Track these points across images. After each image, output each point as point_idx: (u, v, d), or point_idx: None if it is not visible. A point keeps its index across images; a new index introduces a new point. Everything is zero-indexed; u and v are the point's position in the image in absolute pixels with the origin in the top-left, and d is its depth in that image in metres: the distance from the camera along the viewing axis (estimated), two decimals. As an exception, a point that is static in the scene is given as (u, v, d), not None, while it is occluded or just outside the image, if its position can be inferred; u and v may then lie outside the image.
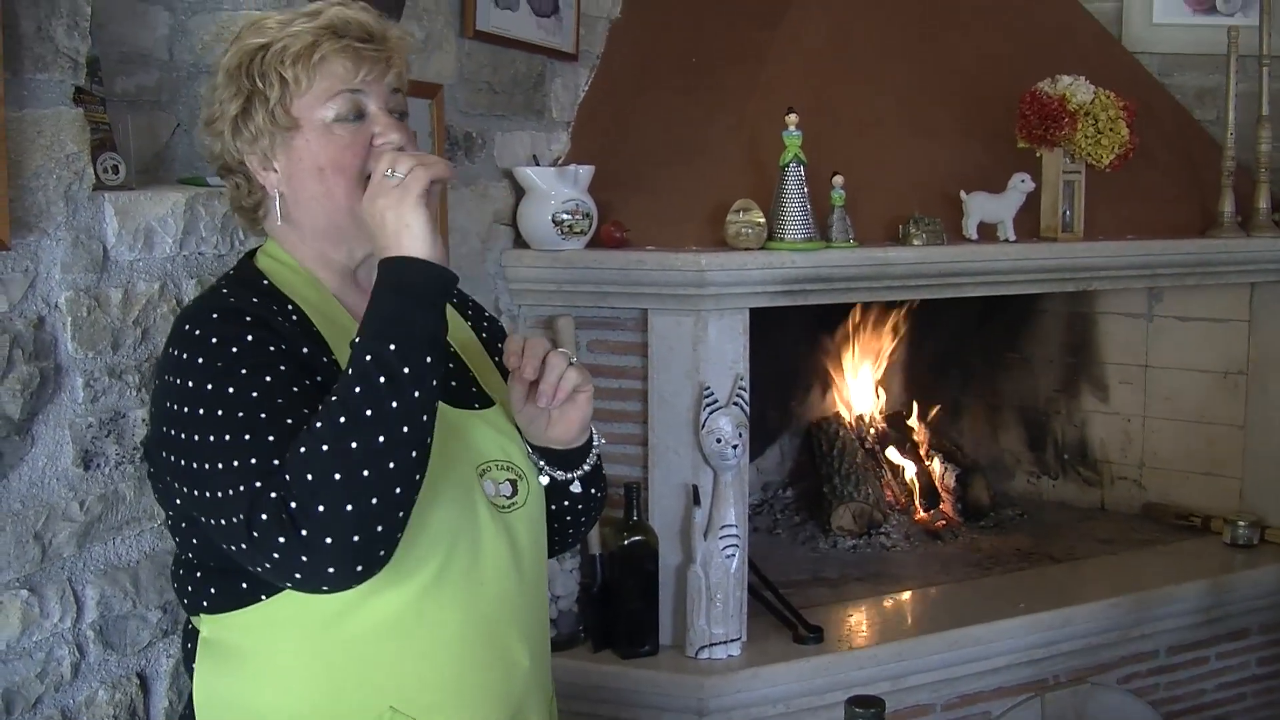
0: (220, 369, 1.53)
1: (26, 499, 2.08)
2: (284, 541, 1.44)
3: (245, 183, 1.73)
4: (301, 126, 1.65)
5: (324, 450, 1.44)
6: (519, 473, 1.76)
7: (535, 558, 1.78)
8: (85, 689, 2.21)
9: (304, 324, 1.64)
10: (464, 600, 1.65)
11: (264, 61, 1.65)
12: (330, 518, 1.43)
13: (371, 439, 1.44)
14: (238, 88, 1.67)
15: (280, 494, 1.45)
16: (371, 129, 1.67)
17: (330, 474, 1.43)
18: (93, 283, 2.19)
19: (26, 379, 2.04)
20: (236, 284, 1.69)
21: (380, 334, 1.48)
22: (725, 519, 3.38)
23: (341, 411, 1.45)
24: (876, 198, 3.67)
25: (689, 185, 3.63)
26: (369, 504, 1.44)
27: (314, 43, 1.64)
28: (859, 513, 4.34)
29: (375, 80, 1.68)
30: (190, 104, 2.65)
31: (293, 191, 1.69)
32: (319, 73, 1.64)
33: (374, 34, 1.68)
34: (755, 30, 3.94)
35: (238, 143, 1.69)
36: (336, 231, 1.69)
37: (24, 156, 2.04)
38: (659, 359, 3.43)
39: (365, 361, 1.47)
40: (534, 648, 1.77)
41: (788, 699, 3.40)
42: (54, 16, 2.09)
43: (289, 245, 1.73)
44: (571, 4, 3.81)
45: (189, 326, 1.59)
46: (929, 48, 4.13)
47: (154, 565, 2.35)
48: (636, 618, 3.43)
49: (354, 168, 1.65)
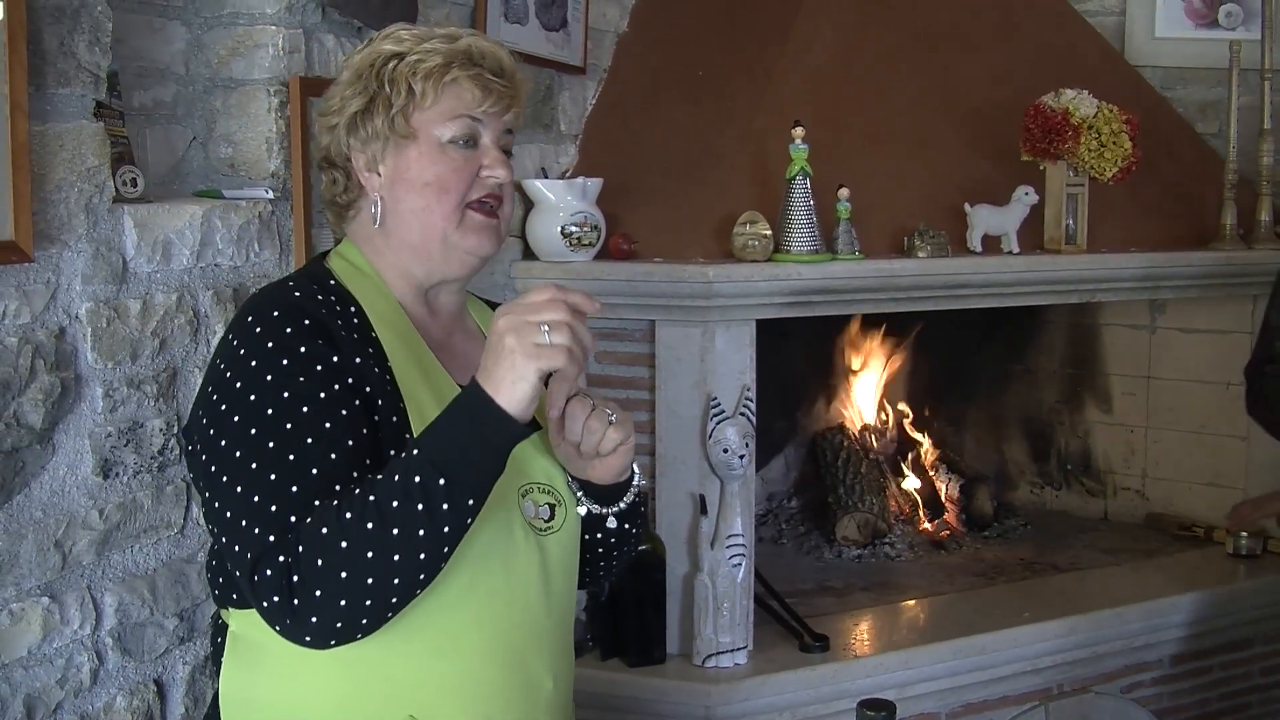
0: (267, 383, 1.55)
1: (48, 507, 2.11)
2: (277, 600, 1.49)
3: (344, 179, 1.76)
4: (417, 138, 1.69)
5: (341, 546, 1.47)
6: (559, 498, 1.77)
7: (565, 583, 1.79)
8: (104, 695, 2.24)
9: (363, 328, 1.66)
10: (490, 617, 1.66)
11: (395, 69, 1.68)
12: (324, 604, 1.48)
13: (388, 555, 1.47)
14: (364, 87, 1.70)
15: (288, 560, 1.48)
16: (481, 160, 1.71)
17: (339, 570, 1.47)
18: (112, 294, 2.21)
19: (48, 389, 2.07)
20: (304, 278, 1.71)
21: (437, 462, 1.48)
22: (732, 528, 3.40)
23: (374, 517, 1.47)
24: (882, 210, 3.70)
25: (696, 198, 3.65)
26: (363, 603, 1.49)
27: (448, 64, 1.67)
28: (864, 523, 4.36)
29: (496, 114, 1.72)
30: (206, 117, 2.68)
31: (393, 199, 1.71)
32: (447, 92, 1.68)
33: (505, 70, 1.72)
34: (762, 44, 3.97)
35: (351, 139, 1.72)
36: (425, 248, 1.72)
37: (46, 170, 2.07)
38: (666, 369, 3.46)
39: (414, 482, 1.47)
40: (557, 671, 1.78)
41: (794, 707, 3.42)
42: (76, 32, 2.12)
43: (369, 250, 1.76)
44: (580, 18, 3.84)
45: (251, 319, 1.61)
46: (934, 62, 4.16)
47: (171, 573, 2.38)
48: (644, 626, 3.45)
49: (458, 190, 1.69)
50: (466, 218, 1.71)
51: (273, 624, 1.52)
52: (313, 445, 1.54)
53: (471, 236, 1.72)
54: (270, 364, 1.56)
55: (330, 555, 1.47)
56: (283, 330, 1.58)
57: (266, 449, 1.53)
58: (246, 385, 1.56)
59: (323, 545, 1.48)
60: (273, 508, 1.51)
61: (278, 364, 1.56)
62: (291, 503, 1.52)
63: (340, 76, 1.76)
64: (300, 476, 1.53)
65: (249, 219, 2.53)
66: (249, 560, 1.51)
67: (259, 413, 1.54)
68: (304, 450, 1.54)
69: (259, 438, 1.54)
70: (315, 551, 1.48)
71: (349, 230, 1.79)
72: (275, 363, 1.56)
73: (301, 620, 1.49)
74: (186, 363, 2.38)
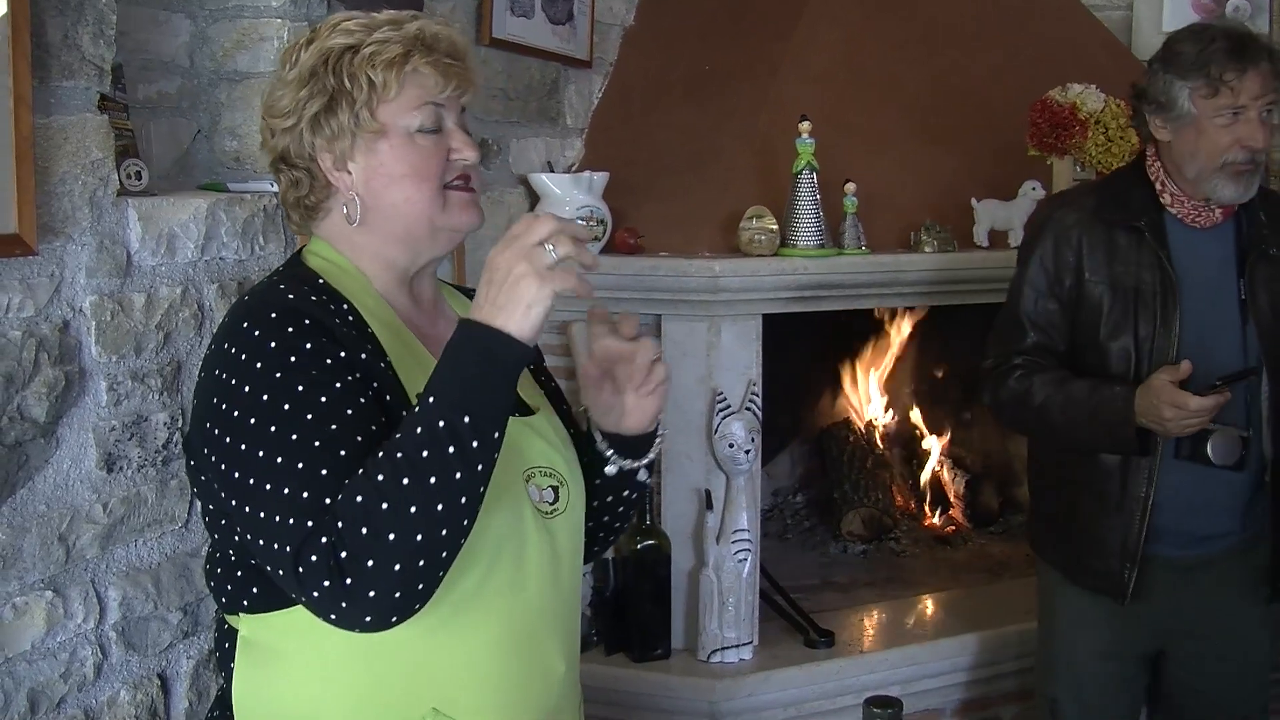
0: (277, 380, 1.53)
1: (51, 501, 2.10)
2: (328, 585, 1.45)
3: (307, 179, 1.72)
4: (386, 132, 1.67)
5: (384, 508, 1.44)
6: (561, 479, 1.76)
7: (573, 565, 1.79)
8: (108, 689, 2.23)
9: (359, 325, 1.64)
10: (506, 605, 1.66)
11: (352, 63, 1.66)
12: (378, 573, 1.44)
13: (432, 506, 1.45)
14: (321, 85, 1.67)
15: (331, 539, 1.45)
16: (449, 143, 1.70)
17: (386, 533, 1.44)
18: (116, 287, 2.21)
19: (52, 382, 2.07)
20: (293, 280, 1.68)
21: (458, 403, 1.47)
22: (737, 523, 3.40)
23: (408, 472, 1.45)
24: (888, 205, 3.70)
25: (702, 192, 3.65)
26: (416, 564, 1.46)
27: (407, 53, 1.65)
28: (869, 518, 4.35)
29: (455, 97, 1.70)
30: (211, 110, 2.68)
31: (371, 195, 1.69)
32: (409, 81, 1.66)
33: (460, 52, 1.71)
34: (768, 39, 3.96)
35: (315, 139, 1.69)
36: (410, 238, 1.70)
37: (50, 163, 2.07)
38: (672, 364, 3.38)
39: (438, 427, 1.46)
40: (569, 654, 1.78)
41: (799, 703, 3.42)
42: (80, 25, 2.12)
43: (344, 247, 1.73)
44: (585, 11, 3.84)
45: (247, 324, 1.58)
46: (940, 56, 4.15)
47: (174, 567, 2.37)
48: (649, 621, 3.46)
49: (435, 176, 1.68)
50: (449, 198, 1.70)
51: (326, 613, 1.47)
52: (337, 430, 1.52)
53: (458, 215, 1.71)
54: (277, 362, 1.54)
55: (374, 520, 1.44)
56: (284, 330, 1.56)
57: (290, 441, 1.51)
58: (256, 387, 1.53)
59: (364, 513, 1.44)
60: (305, 494, 1.49)
61: (285, 361, 1.54)
62: (325, 485, 1.49)
63: (285, 74, 1.71)
64: (330, 460, 1.50)
65: (253, 212, 2.53)
66: (290, 553, 1.47)
67: (276, 409, 1.52)
68: (329, 435, 1.51)
69: (281, 432, 1.52)
70: (358, 522, 1.44)
71: (319, 229, 1.76)
72: (283, 360, 1.54)
73: (358, 599, 1.45)
74: (191, 356, 2.38)
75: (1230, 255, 2.71)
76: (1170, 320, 2.64)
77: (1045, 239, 2.77)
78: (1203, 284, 2.67)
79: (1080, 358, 2.75)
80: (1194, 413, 2.48)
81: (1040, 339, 2.77)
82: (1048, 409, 2.70)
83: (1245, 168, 2.61)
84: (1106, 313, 2.69)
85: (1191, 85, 2.60)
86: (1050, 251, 2.76)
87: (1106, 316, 2.69)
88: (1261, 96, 2.59)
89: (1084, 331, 2.73)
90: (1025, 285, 2.79)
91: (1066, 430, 2.70)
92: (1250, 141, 2.58)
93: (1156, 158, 2.73)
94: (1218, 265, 2.70)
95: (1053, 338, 2.77)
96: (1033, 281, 2.78)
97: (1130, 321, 2.67)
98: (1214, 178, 2.62)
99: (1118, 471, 2.69)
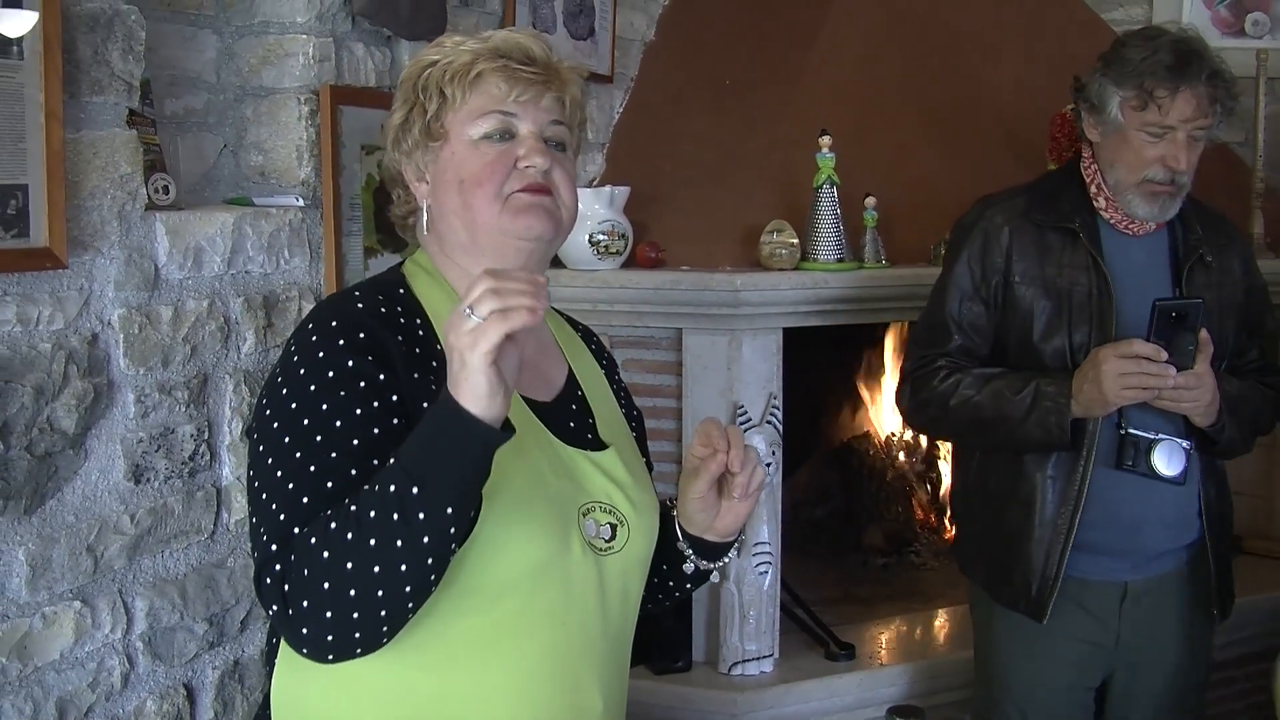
0: (310, 394, 1.54)
1: (80, 512, 2.13)
2: (275, 610, 1.48)
3: (404, 193, 1.76)
4: (450, 140, 1.68)
5: (324, 556, 1.45)
6: (621, 518, 1.74)
7: (623, 605, 1.77)
8: (134, 699, 2.25)
9: (427, 341, 1.64)
10: (545, 635, 1.64)
11: (429, 77, 1.68)
12: (310, 615, 1.45)
13: (367, 567, 1.44)
14: (404, 99, 1.70)
15: (282, 569, 1.47)
16: (517, 150, 1.67)
17: (320, 580, 1.45)
18: (144, 300, 2.23)
19: (81, 394, 2.09)
20: (371, 287, 1.70)
21: (410, 470, 1.44)
22: (758, 536, 3.40)
23: (353, 527, 1.45)
24: (908, 219, 3.70)
25: (723, 206, 3.66)
26: (349, 615, 1.45)
27: (473, 61, 1.66)
28: (890, 531, 4.35)
29: (530, 103, 1.67)
30: (237, 125, 2.70)
31: (437, 203, 1.70)
32: (475, 90, 1.66)
33: (535, 58, 1.69)
34: (788, 53, 3.98)
35: (397, 153, 1.72)
36: (475, 246, 1.69)
37: (81, 177, 2.09)
38: (693, 377, 3.46)
39: (389, 491, 1.44)
40: (609, 694, 1.76)
41: (819, 715, 3.42)
42: (110, 41, 2.14)
43: (432, 255, 1.75)
44: (607, 27, 3.86)
45: (311, 326, 1.60)
46: (960, 70, 4.15)
47: (200, 578, 2.39)
48: (670, 634, 3.45)
49: (493, 183, 1.65)
50: (511, 200, 1.66)
51: (280, 631, 1.51)
52: (335, 460, 1.52)
53: (520, 219, 1.66)
54: (316, 375, 1.55)
55: (314, 566, 1.45)
56: (335, 342, 1.57)
57: (293, 459, 1.53)
58: (291, 393, 1.56)
59: (309, 555, 1.45)
60: (281, 516, 1.50)
61: (323, 376, 1.55)
62: (299, 513, 1.50)
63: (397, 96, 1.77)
64: (314, 488, 1.51)
65: (279, 226, 2.55)
66: (256, 564, 1.51)
67: (295, 422, 1.54)
68: (325, 463, 1.52)
69: (290, 446, 1.53)
70: (303, 561, 1.46)
71: (419, 239, 1.79)
72: (321, 375, 1.55)
73: (295, 631, 1.47)
74: (217, 369, 2.40)
75: (1163, 262, 2.66)
76: (1107, 324, 2.57)
77: (973, 240, 2.72)
78: (1137, 289, 2.58)
79: (1012, 360, 2.68)
80: (1136, 362, 2.40)
81: (964, 341, 2.71)
82: (977, 404, 2.62)
83: (1163, 188, 2.55)
84: (1038, 315, 2.63)
85: (1123, 94, 2.54)
86: (978, 253, 2.70)
87: (1038, 318, 2.63)
88: (1192, 120, 2.52)
89: (1014, 334, 2.67)
90: (951, 286, 2.73)
91: (995, 424, 2.61)
92: (1172, 162, 2.52)
93: (1093, 160, 2.68)
94: (1151, 271, 2.64)
95: (976, 341, 2.71)
96: (958, 283, 2.72)
97: (1064, 324, 2.61)
98: (1131, 192, 2.57)
99: (1046, 485, 2.63)
